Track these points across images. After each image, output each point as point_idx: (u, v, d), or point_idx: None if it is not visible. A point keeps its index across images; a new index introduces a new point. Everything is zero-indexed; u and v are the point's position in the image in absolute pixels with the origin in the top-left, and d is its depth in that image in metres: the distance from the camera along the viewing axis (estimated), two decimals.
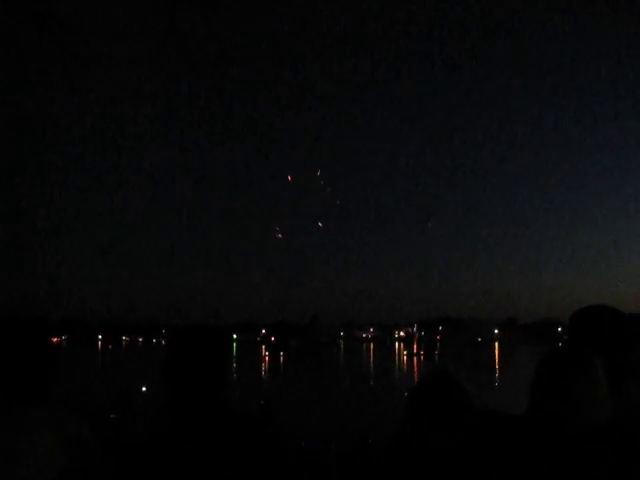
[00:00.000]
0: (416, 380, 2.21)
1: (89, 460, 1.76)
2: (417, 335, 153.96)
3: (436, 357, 75.25)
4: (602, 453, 1.57)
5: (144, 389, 24.24)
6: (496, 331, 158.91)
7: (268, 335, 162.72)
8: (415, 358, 74.61)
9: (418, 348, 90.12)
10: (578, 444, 1.59)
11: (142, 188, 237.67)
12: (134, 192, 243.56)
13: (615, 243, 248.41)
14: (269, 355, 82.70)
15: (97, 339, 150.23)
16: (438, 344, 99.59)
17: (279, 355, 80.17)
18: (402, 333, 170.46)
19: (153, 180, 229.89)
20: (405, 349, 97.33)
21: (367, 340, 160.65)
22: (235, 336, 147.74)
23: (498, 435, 1.78)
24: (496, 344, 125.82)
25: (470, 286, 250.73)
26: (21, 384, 1.76)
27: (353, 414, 21.96)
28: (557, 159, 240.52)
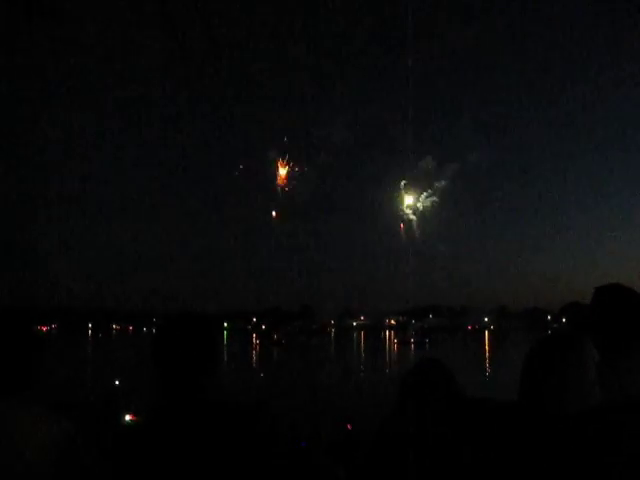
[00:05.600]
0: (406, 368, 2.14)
1: (81, 457, 1.76)
2: (407, 323, 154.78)
3: (427, 345, 75.48)
4: (591, 437, 1.56)
5: (117, 383, 24.26)
6: (486, 319, 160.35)
7: (259, 323, 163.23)
8: (405, 346, 74.90)
9: (409, 336, 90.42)
10: (567, 429, 1.59)
11: (133, 179, 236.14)
12: (124, 182, 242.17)
13: (604, 232, 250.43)
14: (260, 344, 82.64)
15: (87, 328, 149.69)
16: (429, 332, 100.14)
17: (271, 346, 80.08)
18: (392, 321, 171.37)
19: (144, 171, 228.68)
20: (395, 337, 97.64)
21: (358, 328, 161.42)
22: (225, 324, 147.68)
23: (488, 422, 1.79)
24: (486, 332, 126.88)
25: (460, 274, 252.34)
26: (4, 375, 1.75)
27: (337, 402, 21.85)
28: (549, 150, 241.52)
